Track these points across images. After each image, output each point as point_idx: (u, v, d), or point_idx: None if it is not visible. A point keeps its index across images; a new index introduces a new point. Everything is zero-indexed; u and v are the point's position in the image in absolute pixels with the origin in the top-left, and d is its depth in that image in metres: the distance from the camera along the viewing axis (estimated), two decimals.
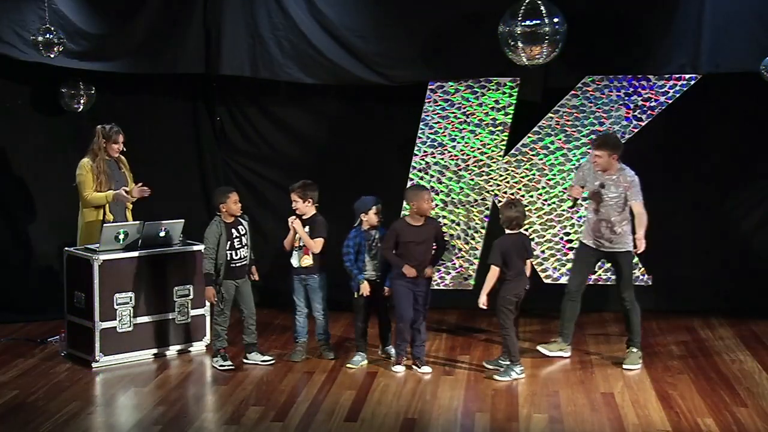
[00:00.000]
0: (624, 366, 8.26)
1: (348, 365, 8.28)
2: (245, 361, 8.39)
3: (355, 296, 8.34)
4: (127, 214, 8.89)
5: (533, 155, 9.56)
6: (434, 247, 8.20)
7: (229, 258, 8.23)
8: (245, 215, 8.47)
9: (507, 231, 8.09)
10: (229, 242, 8.23)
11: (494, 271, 8.01)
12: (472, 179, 9.59)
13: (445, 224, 9.47)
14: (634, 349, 8.37)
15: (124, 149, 8.86)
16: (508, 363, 8.06)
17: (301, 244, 8.39)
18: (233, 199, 8.29)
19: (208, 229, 8.24)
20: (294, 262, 8.47)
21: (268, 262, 10.32)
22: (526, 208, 9.23)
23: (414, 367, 8.19)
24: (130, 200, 8.80)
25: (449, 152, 9.67)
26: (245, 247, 8.34)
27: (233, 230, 8.29)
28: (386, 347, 8.52)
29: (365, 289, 8.25)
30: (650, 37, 9.10)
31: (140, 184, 8.80)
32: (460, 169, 9.66)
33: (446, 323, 9.61)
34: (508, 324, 8.03)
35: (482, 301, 7.99)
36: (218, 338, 8.30)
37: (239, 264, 8.31)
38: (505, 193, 9.56)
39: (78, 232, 8.82)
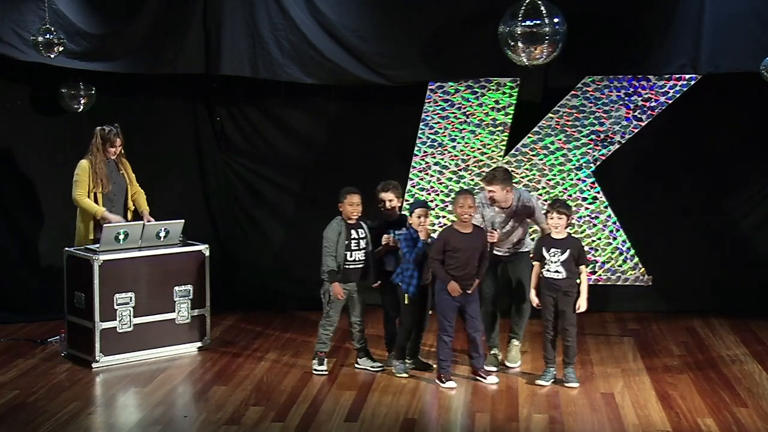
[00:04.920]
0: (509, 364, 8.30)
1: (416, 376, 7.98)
2: (356, 366, 8.23)
3: (406, 303, 8.01)
4: (128, 216, 8.86)
5: (533, 155, 9.56)
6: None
7: (343, 259, 8.04)
8: (367, 220, 8.22)
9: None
10: (346, 242, 8.03)
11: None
12: (472, 179, 9.59)
13: (444, 224, 9.46)
14: (516, 342, 8.38)
15: (123, 151, 8.86)
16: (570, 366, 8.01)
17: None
18: (349, 201, 8.05)
19: (328, 227, 8.08)
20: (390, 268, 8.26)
21: (268, 262, 10.33)
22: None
23: (480, 378, 7.92)
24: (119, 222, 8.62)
25: (449, 152, 9.66)
26: (362, 251, 8.10)
27: (353, 231, 8.08)
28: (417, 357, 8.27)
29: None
30: (650, 37, 9.10)
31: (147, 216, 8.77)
32: (460, 169, 9.65)
33: None
34: None
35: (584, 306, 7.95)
36: (319, 341, 8.13)
37: (353, 266, 8.07)
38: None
39: (76, 231, 8.82)
